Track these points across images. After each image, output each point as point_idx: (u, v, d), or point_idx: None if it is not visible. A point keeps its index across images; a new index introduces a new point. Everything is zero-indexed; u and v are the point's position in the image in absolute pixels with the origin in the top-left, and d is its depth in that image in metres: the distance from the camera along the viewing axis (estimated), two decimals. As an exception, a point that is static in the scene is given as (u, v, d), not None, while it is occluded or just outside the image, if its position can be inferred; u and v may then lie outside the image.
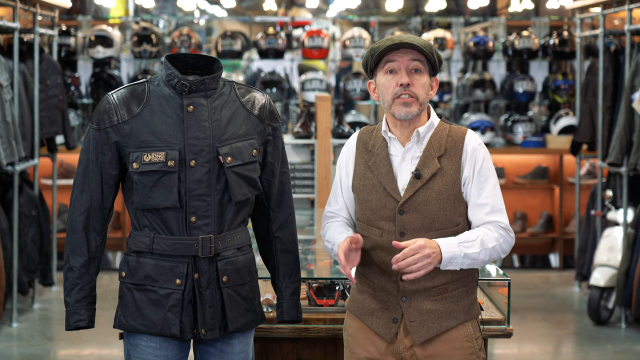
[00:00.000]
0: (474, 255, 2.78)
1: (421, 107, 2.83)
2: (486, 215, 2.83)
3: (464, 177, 2.83)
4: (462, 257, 2.76)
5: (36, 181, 7.21)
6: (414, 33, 9.67)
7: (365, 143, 2.93)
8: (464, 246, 2.77)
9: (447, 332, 2.84)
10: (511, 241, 2.85)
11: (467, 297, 2.87)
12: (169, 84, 2.87)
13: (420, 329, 2.82)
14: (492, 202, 2.83)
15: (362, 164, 2.91)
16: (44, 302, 7.22)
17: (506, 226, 2.84)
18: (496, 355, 6.02)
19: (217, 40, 9.19)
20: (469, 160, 2.83)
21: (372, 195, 2.86)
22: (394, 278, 2.84)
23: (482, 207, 2.83)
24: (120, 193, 2.94)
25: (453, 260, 2.76)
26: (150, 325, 2.84)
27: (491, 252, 2.80)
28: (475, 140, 2.87)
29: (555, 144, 8.71)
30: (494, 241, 2.80)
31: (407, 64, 2.81)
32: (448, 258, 2.75)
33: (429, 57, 2.83)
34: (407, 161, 2.85)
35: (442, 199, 2.80)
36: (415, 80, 2.82)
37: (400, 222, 2.81)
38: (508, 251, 2.87)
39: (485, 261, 2.82)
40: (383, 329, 2.86)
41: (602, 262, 6.64)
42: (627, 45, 6.85)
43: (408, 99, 2.80)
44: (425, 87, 2.83)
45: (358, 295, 2.94)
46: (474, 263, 2.80)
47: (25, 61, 7.10)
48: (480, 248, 2.78)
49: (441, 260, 2.75)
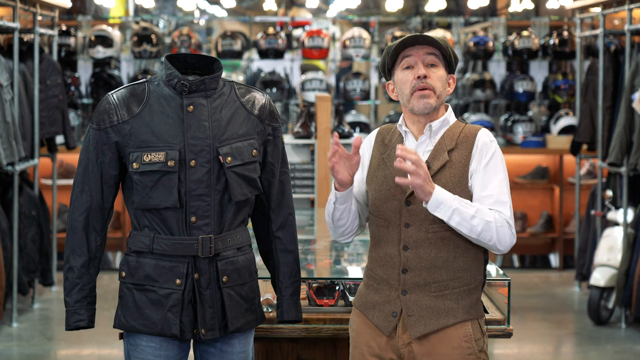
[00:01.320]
0: (466, 215, 2.74)
1: (439, 100, 2.86)
2: (488, 206, 2.80)
3: (471, 170, 2.84)
4: (452, 209, 2.74)
5: (36, 181, 7.21)
6: (414, 33, 9.66)
7: (384, 137, 2.98)
8: (459, 202, 2.75)
9: (444, 330, 2.84)
10: (510, 234, 2.79)
11: (469, 296, 2.87)
12: (169, 84, 2.87)
13: (417, 324, 2.83)
14: (496, 194, 2.81)
15: (377, 156, 2.95)
16: (44, 302, 7.23)
17: (508, 219, 2.79)
18: (496, 355, 6.02)
19: (217, 40, 9.19)
20: (478, 155, 2.85)
21: (382, 186, 2.89)
22: (397, 270, 2.85)
23: (485, 199, 2.81)
24: (120, 193, 2.94)
25: (442, 206, 2.74)
26: (150, 325, 2.84)
27: (486, 225, 2.75)
28: (488, 137, 2.89)
29: (555, 144, 8.71)
30: (492, 218, 2.76)
31: (423, 58, 2.86)
32: (437, 199, 2.73)
33: (445, 53, 2.87)
34: (419, 154, 2.86)
35: (448, 190, 2.81)
36: (432, 73, 2.85)
37: (407, 214, 2.84)
38: (505, 243, 2.79)
39: (477, 232, 2.76)
40: (382, 322, 2.88)
41: (602, 262, 6.64)
42: (627, 45, 6.85)
43: (425, 91, 2.84)
44: (442, 80, 2.87)
45: (364, 289, 2.97)
46: (462, 224, 2.74)
47: (25, 61, 7.10)
48: (475, 213, 2.75)
49: (429, 200, 2.73)
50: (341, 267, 4.07)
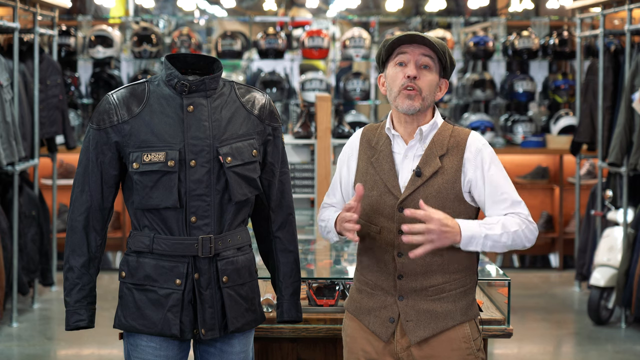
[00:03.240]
0: (495, 237, 2.75)
1: (424, 103, 2.83)
2: (505, 210, 2.81)
3: (469, 179, 2.82)
4: (483, 238, 2.74)
5: (36, 181, 7.21)
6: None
7: (369, 140, 2.94)
8: (485, 227, 2.75)
9: (444, 332, 2.83)
10: (534, 230, 2.81)
11: (465, 297, 2.86)
12: (169, 84, 2.87)
13: (416, 329, 2.82)
14: (509, 197, 2.82)
15: (365, 160, 2.92)
16: (44, 302, 7.23)
17: (527, 217, 2.81)
18: (496, 355, 6.02)
19: (217, 40, 9.19)
20: (474, 162, 2.82)
21: (372, 191, 2.87)
22: (392, 277, 2.84)
23: (499, 204, 2.81)
24: (120, 193, 2.94)
25: (473, 240, 2.74)
26: (150, 325, 2.84)
27: (514, 236, 2.77)
28: (479, 141, 2.86)
29: (555, 144, 8.71)
30: (516, 226, 2.78)
31: (417, 59, 2.83)
32: (468, 237, 2.73)
33: (440, 56, 2.84)
34: (410, 159, 2.85)
35: (442, 197, 2.80)
36: (423, 75, 2.83)
37: (400, 220, 2.81)
38: (533, 241, 2.82)
39: (509, 245, 2.78)
40: (380, 328, 2.86)
41: (602, 262, 6.64)
42: (627, 45, 6.85)
43: (412, 92, 2.81)
44: (431, 85, 2.83)
45: (356, 294, 2.94)
46: (496, 245, 2.76)
47: (25, 61, 7.10)
48: (502, 230, 2.76)
49: (460, 240, 2.72)
50: (341, 267, 4.07)
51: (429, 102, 2.85)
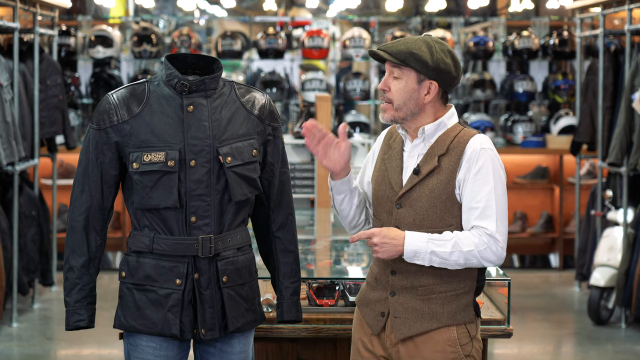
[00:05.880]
0: (444, 254, 2.75)
1: (397, 113, 2.85)
2: (474, 220, 2.78)
3: (459, 179, 2.81)
4: (429, 254, 2.75)
5: (36, 181, 7.21)
6: (414, 33, 9.67)
7: (390, 137, 2.99)
8: (434, 243, 2.76)
9: (428, 333, 2.85)
10: (497, 250, 2.77)
11: (455, 301, 2.85)
12: (169, 84, 2.87)
13: (401, 326, 2.86)
14: (483, 206, 2.77)
15: (381, 156, 2.98)
16: (44, 302, 7.23)
17: (492, 234, 2.76)
18: (496, 355, 6.02)
19: (217, 40, 9.18)
20: (467, 163, 2.81)
21: (380, 186, 2.92)
22: (387, 272, 2.89)
23: (472, 211, 2.78)
24: (120, 193, 2.94)
25: (418, 255, 2.76)
26: (150, 325, 2.84)
27: (467, 255, 2.75)
28: (480, 144, 2.82)
29: (555, 144, 8.71)
30: (472, 246, 2.75)
31: (390, 70, 2.86)
32: (412, 251, 2.76)
33: (410, 63, 2.80)
34: (413, 157, 2.88)
35: (434, 196, 2.81)
36: (393, 85, 2.85)
37: (396, 216, 2.86)
38: (493, 261, 2.79)
39: (461, 264, 2.77)
40: (372, 320, 2.92)
41: (602, 262, 6.64)
42: (627, 45, 6.85)
43: (383, 105, 2.87)
44: (402, 93, 2.83)
45: (364, 286, 3.02)
46: (446, 263, 2.77)
47: (25, 61, 7.10)
48: (453, 249, 2.75)
49: (403, 253, 2.77)
50: (341, 267, 4.07)
51: (409, 109, 2.84)
